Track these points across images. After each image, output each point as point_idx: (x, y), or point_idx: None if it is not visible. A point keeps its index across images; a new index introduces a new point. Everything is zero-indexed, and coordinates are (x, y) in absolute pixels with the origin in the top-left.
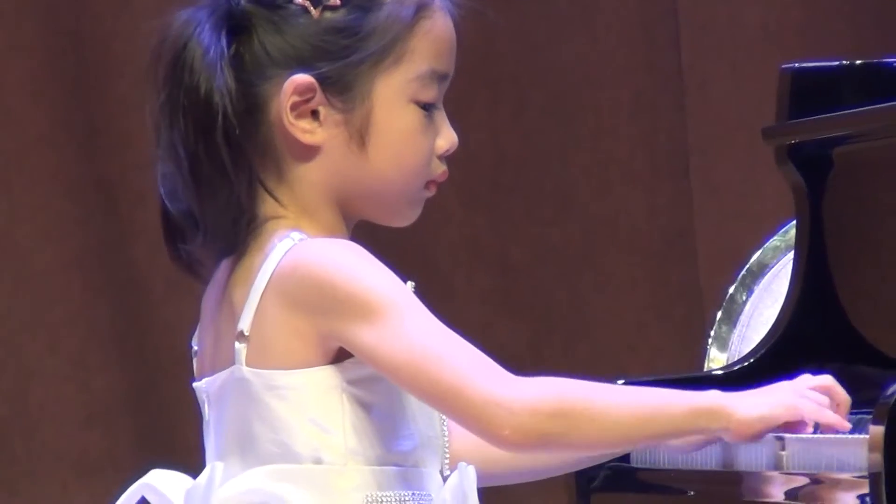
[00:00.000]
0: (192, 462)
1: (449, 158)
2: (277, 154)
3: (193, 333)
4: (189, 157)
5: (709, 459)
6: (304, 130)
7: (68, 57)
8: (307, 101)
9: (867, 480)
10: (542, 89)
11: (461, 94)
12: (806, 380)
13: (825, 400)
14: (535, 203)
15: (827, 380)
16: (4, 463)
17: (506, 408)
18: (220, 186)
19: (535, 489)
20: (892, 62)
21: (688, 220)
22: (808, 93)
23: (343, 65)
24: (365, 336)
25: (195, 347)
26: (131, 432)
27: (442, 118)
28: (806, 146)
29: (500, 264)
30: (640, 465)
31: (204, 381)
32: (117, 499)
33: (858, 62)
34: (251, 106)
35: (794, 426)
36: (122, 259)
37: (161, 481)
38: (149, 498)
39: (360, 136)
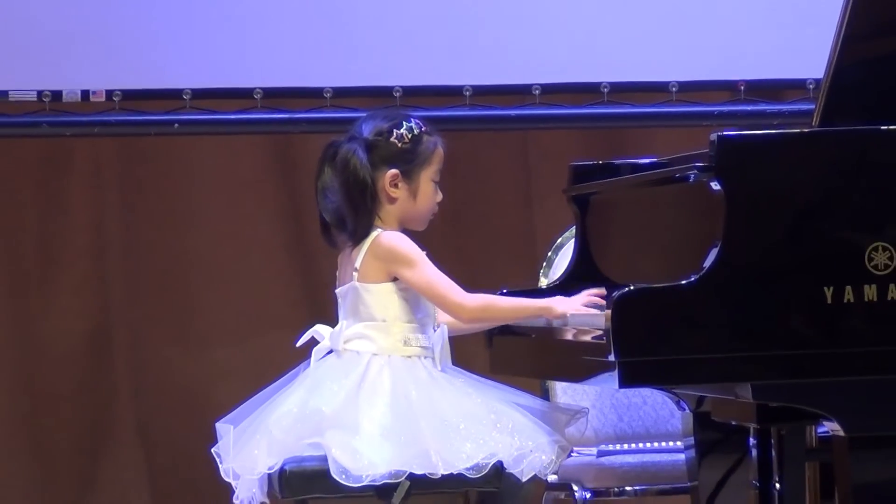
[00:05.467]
0: (332, 321)
1: (439, 204)
2: (381, 201)
3: (336, 270)
4: (353, 204)
5: (540, 322)
6: (392, 192)
7: (283, 159)
8: (394, 179)
9: (603, 331)
10: (473, 178)
11: (441, 177)
12: (583, 294)
13: (592, 301)
14: (473, 224)
15: (598, 290)
16: (247, 330)
17: (464, 307)
18: (365, 216)
19: (471, 336)
20: (613, 162)
21: (531, 230)
22: (580, 174)
23: (410, 166)
24: (407, 274)
25: (337, 274)
26: (308, 309)
27: (437, 187)
28: (579, 197)
29: (458, 248)
30: (513, 325)
31: (339, 289)
32: (300, 338)
33: (601, 161)
34: (373, 182)
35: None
36: (307, 240)
37: (321, 329)
38: (316, 336)
39: (413, 196)
